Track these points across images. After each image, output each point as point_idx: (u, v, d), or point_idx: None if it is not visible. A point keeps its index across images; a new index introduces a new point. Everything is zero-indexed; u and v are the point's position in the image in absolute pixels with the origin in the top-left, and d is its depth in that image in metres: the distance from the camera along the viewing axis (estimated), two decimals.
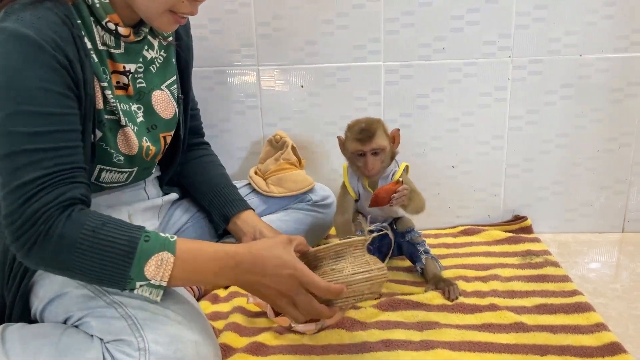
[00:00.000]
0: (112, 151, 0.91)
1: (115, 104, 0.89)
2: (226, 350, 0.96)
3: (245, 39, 1.42)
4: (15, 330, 0.84)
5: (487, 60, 1.39)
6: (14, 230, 0.72)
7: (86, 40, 0.83)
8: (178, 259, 0.76)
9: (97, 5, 0.84)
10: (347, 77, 1.43)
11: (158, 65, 0.99)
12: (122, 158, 0.93)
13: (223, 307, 1.12)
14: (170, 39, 1.02)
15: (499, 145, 1.45)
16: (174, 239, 0.77)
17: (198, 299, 1.14)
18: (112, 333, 0.77)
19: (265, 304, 1.05)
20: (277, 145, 1.41)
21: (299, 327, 0.99)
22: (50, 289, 0.84)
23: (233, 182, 1.22)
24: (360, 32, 1.39)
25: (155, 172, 1.12)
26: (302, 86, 1.45)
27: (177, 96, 1.05)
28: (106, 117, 0.88)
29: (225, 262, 0.78)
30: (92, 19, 0.85)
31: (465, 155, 1.47)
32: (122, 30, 0.87)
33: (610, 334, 0.96)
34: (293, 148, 1.40)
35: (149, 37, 0.97)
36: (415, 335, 1.00)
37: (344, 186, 1.21)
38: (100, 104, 0.87)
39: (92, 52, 0.85)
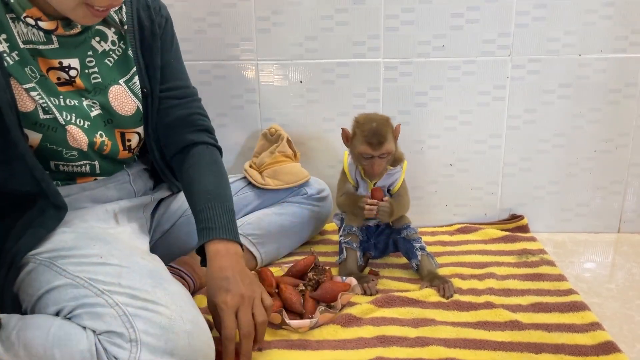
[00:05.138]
0: (61, 148, 0.90)
1: (46, 104, 0.86)
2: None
3: (245, 33, 1.42)
4: (7, 321, 0.83)
5: (486, 59, 1.39)
6: None
7: None
8: None
9: (12, 0, 0.81)
10: (346, 73, 1.42)
11: (116, 57, 0.95)
12: (75, 153, 0.92)
13: None
14: (126, 27, 0.96)
15: (496, 144, 1.45)
16: None
17: (193, 293, 1.14)
18: (103, 325, 0.77)
19: None
20: (271, 138, 1.40)
21: (292, 324, 0.98)
22: (39, 285, 0.84)
23: (228, 176, 1.20)
24: (360, 29, 1.39)
25: (140, 165, 1.11)
26: (300, 82, 1.44)
27: (142, 90, 0.99)
28: (44, 116, 0.86)
29: None
30: (9, 16, 0.82)
31: (463, 154, 1.47)
32: (44, 24, 0.84)
33: (605, 333, 0.97)
34: (288, 141, 1.39)
35: (100, 27, 0.93)
36: (411, 332, 1.00)
37: (343, 173, 1.23)
38: (28, 107, 0.85)
39: (5, 55, 0.82)
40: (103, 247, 0.87)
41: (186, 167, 1.03)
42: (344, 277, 1.13)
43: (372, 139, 1.11)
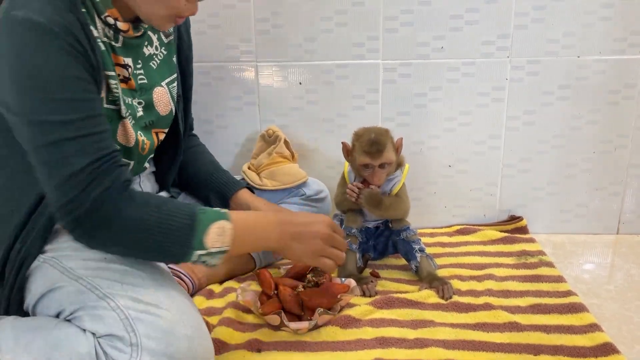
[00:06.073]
0: None
1: (117, 94, 0.89)
2: (220, 345, 0.96)
3: (244, 34, 1.42)
4: (8, 323, 0.84)
5: (485, 60, 1.39)
6: (76, 217, 0.75)
7: (92, 28, 0.83)
8: (235, 226, 0.83)
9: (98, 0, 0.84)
10: (346, 74, 1.43)
11: (158, 62, 0.99)
12: (120, 149, 0.93)
13: (217, 303, 1.12)
14: (171, 37, 1.02)
15: (495, 145, 1.45)
16: (225, 210, 0.84)
17: (192, 294, 1.14)
18: (104, 328, 0.77)
19: (253, 302, 1.05)
20: (269, 139, 1.41)
21: (291, 326, 0.99)
22: (42, 284, 0.84)
23: None
24: (359, 30, 1.39)
25: (150, 167, 1.12)
26: (300, 83, 1.44)
27: (177, 94, 1.05)
28: (107, 106, 0.88)
29: (269, 220, 0.90)
30: (93, 10, 0.85)
31: (462, 155, 1.47)
32: (121, 25, 0.87)
33: (604, 335, 0.97)
34: (286, 142, 1.39)
35: (149, 33, 0.97)
36: (410, 334, 1.00)
37: (343, 177, 1.23)
38: (102, 92, 0.87)
39: (98, 40, 0.85)
40: None
41: (188, 147, 1.19)
42: (343, 279, 1.13)
43: (371, 149, 1.11)
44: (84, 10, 0.82)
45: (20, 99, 0.75)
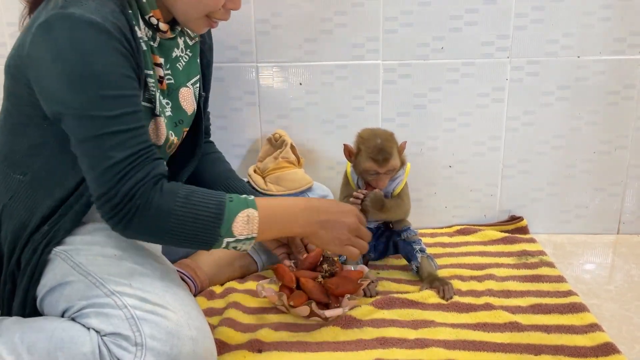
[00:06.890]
0: None
1: (154, 92, 0.90)
2: (220, 346, 0.96)
3: (244, 35, 1.42)
4: (11, 324, 0.84)
5: (485, 61, 1.39)
6: (112, 207, 0.78)
7: (136, 28, 0.85)
8: (261, 213, 0.86)
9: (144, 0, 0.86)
10: (345, 75, 1.43)
11: (183, 63, 1.01)
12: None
13: (218, 304, 1.12)
14: (196, 40, 1.03)
15: (495, 146, 1.46)
16: (252, 198, 0.87)
17: (194, 295, 1.14)
18: (110, 327, 0.78)
19: (277, 297, 1.05)
20: (276, 143, 1.41)
21: (326, 313, 1.00)
22: (52, 277, 0.85)
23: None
24: (359, 31, 1.39)
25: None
26: (300, 84, 1.45)
27: (199, 94, 1.07)
28: (143, 104, 0.89)
29: (297, 206, 0.92)
30: (138, 11, 0.87)
31: (462, 155, 1.47)
32: (162, 26, 0.90)
33: (604, 335, 0.97)
34: (292, 147, 1.39)
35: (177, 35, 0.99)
36: (410, 334, 1.00)
37: (346, 177, 1.23)
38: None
39: (141, 41, 0.87)
40: (120, 245, 0.89)
41: (206, 153, 1.20)
42: (354, 266, 1.14)
43: (377, 156, 1.11)
44: (130, 11, 0.84)
45: (73, 93, 0.77)
